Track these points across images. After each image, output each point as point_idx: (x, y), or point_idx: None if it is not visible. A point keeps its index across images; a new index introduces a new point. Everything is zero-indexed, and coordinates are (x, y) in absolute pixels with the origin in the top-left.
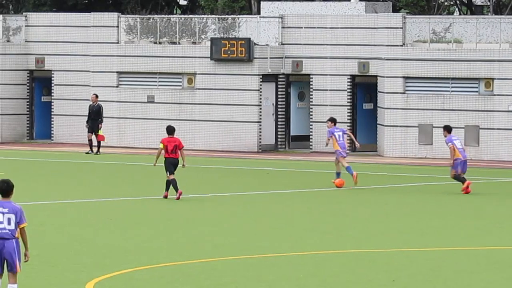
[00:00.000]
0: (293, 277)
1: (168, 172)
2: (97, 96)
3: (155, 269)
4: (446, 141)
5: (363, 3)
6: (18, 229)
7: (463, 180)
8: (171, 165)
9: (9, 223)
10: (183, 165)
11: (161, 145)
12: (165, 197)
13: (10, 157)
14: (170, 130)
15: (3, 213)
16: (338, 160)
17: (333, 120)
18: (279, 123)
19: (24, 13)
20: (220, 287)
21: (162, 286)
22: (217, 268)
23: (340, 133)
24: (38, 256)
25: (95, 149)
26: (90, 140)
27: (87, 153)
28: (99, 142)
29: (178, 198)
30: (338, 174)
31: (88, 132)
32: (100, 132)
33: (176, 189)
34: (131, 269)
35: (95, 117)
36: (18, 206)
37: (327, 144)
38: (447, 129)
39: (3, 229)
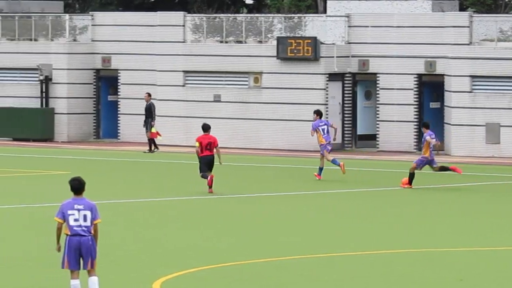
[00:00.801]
0: (359, 276)
1: (200, 171)
2: (149, 95)
3: (219, 269)
4: (425, 136)
5: (430, 1)
6: (93, 226)
7: (412, 178)
8: (206, 164)
9: (85, 220)
10: (220, 162)
11: (197, 144)
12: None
13: (76, 156)
14: (206, 128)
15: (78, 210)
16: (323, 154)
17: (318, 113)
18: (345, 122)
19: (90, 12)
20: (283, 286)
21: (226, 286)
22: (284, 267)
23: (325, 127)
24: (104, 255)
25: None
26: (149, 139)
27: (145, 152)
28: (152, 140)
29: (210, 188)
30: (320, 169)
31: (146, 131)
32: (153, 130)
33: (208, 179)
34: (195, 268)
35: (148, 116)
36: (92, 202)
37: (312, 135)
38: (425, 125)
39: (80, 226)
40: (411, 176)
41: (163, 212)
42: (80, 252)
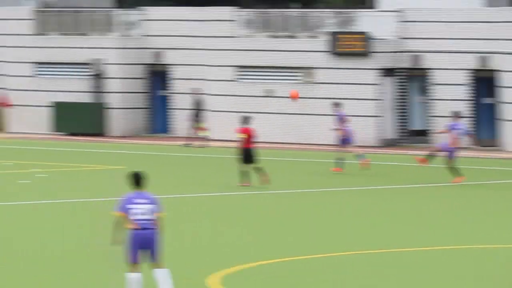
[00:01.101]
0: (393, 275)
1: (243, 162)
2: (198, 90)
3: (276, 264)
4: (452, 126)
5: None
6: (156, 219)
7: (456, 171)
8: (248, 156)
9: (148, 213)
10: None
11: (242, 135)
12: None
13: (129, 150)
14: (247, 120)
15: (141, 203)
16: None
17: (338, 105)
18: (398, 117)
19: (142, 7)
20: (343, 282)
21: (276, 283)
22: (344, 263)
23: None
24: None
25: (195, 143)
26: (188, 134)
27: (198, 147)
28: (193, 135)
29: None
30: (359, 156)
31: (192, 126)
32: (200, 125)
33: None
34: (256, 262)
35: (196, 110)
36: (154, 196)
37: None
38: (457, 114)
39: (144, 220)
40: (454, 170)
41: (208, 208)
42: (146, 246)
